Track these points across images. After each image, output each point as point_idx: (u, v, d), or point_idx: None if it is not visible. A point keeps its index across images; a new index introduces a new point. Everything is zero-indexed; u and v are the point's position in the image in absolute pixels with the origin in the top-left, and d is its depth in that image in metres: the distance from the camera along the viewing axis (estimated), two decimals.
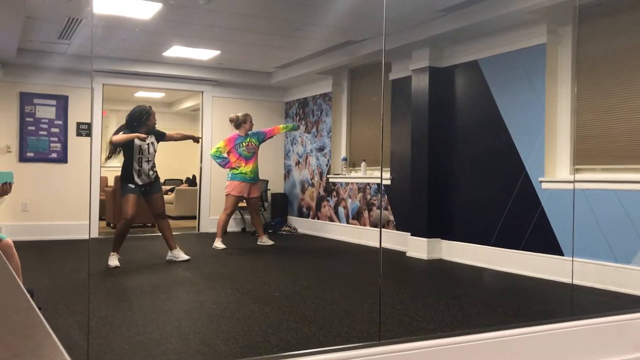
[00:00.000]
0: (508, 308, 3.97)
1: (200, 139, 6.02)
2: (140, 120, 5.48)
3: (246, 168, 6.76)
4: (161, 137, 5.71)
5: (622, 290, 4.38)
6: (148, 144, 5.52)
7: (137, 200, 5.48)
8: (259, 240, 7.02)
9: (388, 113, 6.92)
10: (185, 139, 6.02)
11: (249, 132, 6.89)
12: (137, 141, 5.45)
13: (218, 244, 6.63)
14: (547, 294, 4.63)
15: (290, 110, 9.15)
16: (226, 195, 6.93)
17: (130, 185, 5.44)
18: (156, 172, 5.62)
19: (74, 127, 7.73)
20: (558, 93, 5.08)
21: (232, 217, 8.47)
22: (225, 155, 6.84)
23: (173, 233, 5.76)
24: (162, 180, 6.14)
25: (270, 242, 6.97)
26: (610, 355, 2.99)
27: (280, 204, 8.89)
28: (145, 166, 5.48)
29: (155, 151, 5.60)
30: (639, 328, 3.10)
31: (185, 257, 5.68)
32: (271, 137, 7.14)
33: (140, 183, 5.47)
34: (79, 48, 6.80)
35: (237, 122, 6.85)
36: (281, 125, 7.36)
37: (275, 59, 7.63)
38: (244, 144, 6.80)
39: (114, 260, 5.34)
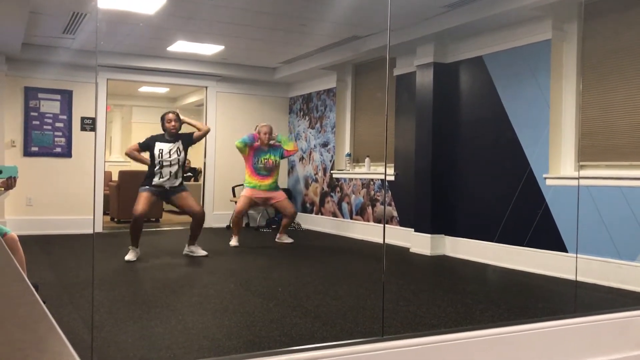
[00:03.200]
0: (511, 304, 3.97)
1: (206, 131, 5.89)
2: (162, 126, 5.58)
3: (260, 183, 6.52)
4: (189, 140, 5.62)
5: (626, 287, 4.37)
6: (170, 150, 5.47)
7: (149, 199, 5.44)
8: (277, 237, 6.86)
9: (392, 109, 6.90)
10: (198, 132, 5.75)
11: (271, 147, 6.54)
12: (158, 145, 5.47)
13: (233, 241, 6.46)
14: (551, 290, 4.63)
15: (294, 105, 9.14)
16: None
17: (145, 185, 5.47)
18: (181, 179, 5.55)
19: (79, 121, 7.75)
20: (563, 89, 5.06)
21: None
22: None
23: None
24: None
25: (290, 240, 6.77)
26: (614, 352, 2.99)
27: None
28: (167, 170, 5.44)
29: (180, 157, 5.50)
30: None
31: (203, 252, 5.68)
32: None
33: (158, 184, 5.44)
34: (83, 43, 6.81)
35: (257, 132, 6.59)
36: (291, 146, 6.80)
37: (280, 54, 7.62)
38: (263, 159, 6.49)
39: (130, 254, 5.35)
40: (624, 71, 4.64)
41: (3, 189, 2.97)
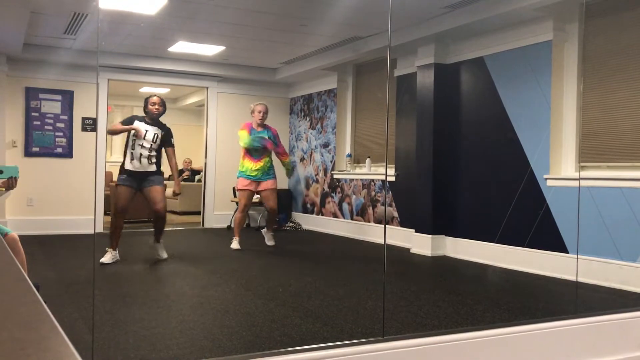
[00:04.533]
0: (512, 305, 3.96)
1: (178, 194, 5.64)
2: (144, 108, 5.37)
3: (252, 166, 6.20)
4: (166, 136, 5.33)
5: (627, 288, 4.37)
6: (147, 130, 5.22)
7: (129, 193, 5.19)
8: (263, 231, 6.58)
9: (393, 109, 6.90)
10: (175, 174, 5.51)
11: (263, 129, 6.24)
12: (137, 123, 5.22)
13: (234, 244, 6.20)
14: (552, 291, 4.63)
15: (295, 106, 9.15)
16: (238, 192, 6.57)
17: (122, 175, 5.21)
18: (156, 163, 5.26)
19: (79, 122, 7.75)
20: (564, 90, 5.06)
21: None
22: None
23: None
24: (165, 176, 5.75)
25: (271, 243, 6.38)
26: (614, 352, 2.99)
27: (285, 200, 8.90)
28: (138, 151, 5.17)
29: (154, 140, 5.23)
30: None
31: (164, 255, 5.39)
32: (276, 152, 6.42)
33: (132, 169, 5.17)
34: (84, 43, 6.82)
35: (251, 112, 6.33)
36: (287, 161, 6.58)
37: (281, 54, 7.62)
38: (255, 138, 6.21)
39: (106, 257, 5.16)
40: (625, 72, 4.64)
41: (4, 189, 2.97)
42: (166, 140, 5.36)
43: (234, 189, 8.61)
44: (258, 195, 6.52)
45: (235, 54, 7.63)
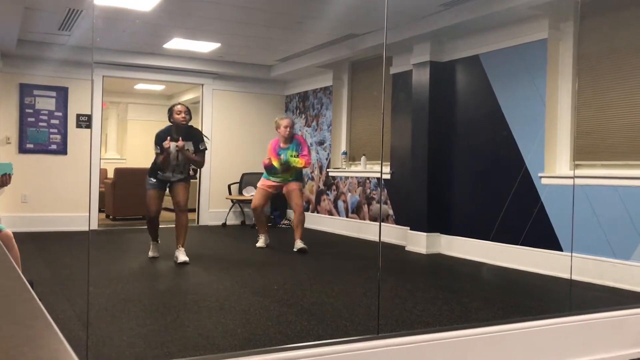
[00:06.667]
0: (506, 303, 3.98)
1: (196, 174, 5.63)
2: (169, 117, 5.27)
3: (276, 176, 6.16)
4: (195, 144, 5.23)
5: (621, 286, 4.39)
6: (178, 151, 5.15)
7: (158, 196, 5.29)
8: (295, 244, 6.05)
9: (388, 107, 6.91)
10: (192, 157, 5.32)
11: (291, 144, 6.07)
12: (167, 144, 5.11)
13: (258, 242, 6.23)
14: (546, 289, 4.64)
15: (290, 104, 9.14)
16: None
17: (152, 179, 5.26)
18: (187, 173, 5.33)
19: (74, 118, 7.72)
20: (559, 88, 5.08)
21: (232, 210, 8.50)
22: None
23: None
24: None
25: (302, 246, 5.97)
26: (608, 350, 3.00)
27: (280, 197, 8.87)
28: (169, 172, 5.25)
29: (184, 159, 5.20)
30: (637, 324, 3.11)
31: (184, 258, 5.18)
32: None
33: (163, 179, 5.28)
34: (79, 39, 6.79)
35: (276, 127, 6.16)
36: (300, 164, 6.11)
37: (276, 52, 7.61)
38: (282, 157, 6.03)
39: (152, 251, 5.48)
40: (620, 71, 4.65)
41: None
42: (196, 147, 5.26)
43: (229, 186, 8.62)
44: (252, 194, 6.41)
45: (230, 51, 7.61)
